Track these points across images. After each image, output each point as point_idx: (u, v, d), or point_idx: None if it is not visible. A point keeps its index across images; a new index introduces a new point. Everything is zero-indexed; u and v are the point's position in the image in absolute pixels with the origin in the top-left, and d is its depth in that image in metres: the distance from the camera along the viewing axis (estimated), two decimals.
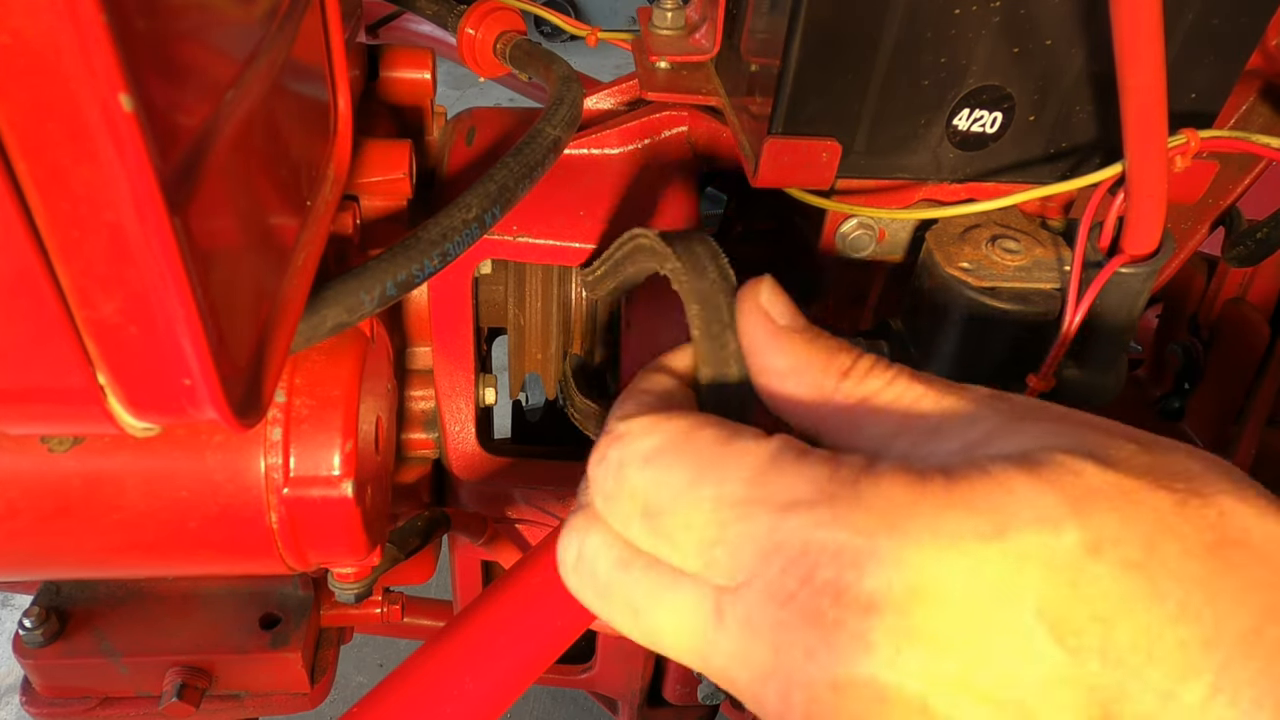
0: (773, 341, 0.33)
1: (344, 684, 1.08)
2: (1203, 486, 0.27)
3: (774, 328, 0.33)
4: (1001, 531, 0.25)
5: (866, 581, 0.25)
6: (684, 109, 0.61)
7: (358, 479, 0.42)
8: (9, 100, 0.20)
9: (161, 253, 0.22)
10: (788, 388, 0.32)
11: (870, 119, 0.50)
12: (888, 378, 0.30)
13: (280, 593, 0.70)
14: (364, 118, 0.59)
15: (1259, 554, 0.26)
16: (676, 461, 0.29)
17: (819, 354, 0.32)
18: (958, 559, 0.25)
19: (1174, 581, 0.25)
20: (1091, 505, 0.25)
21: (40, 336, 0.24)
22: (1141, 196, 0.47)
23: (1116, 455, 0.27)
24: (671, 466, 0.29)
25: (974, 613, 0.25)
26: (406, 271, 0.38)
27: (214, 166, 0.26)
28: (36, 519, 0.39)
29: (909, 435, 0.29)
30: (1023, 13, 0.47)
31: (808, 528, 0.26)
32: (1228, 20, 0.48)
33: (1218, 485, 0.27)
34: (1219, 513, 0.26)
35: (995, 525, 0.25)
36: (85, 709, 0.69)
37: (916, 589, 0.25)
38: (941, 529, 0.25)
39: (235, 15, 0.29)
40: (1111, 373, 0.57)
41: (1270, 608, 0.25)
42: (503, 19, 0.65)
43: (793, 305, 0.33)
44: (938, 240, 0.55)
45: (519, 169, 0.44)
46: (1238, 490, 0.27)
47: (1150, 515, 0.26)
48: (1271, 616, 0.25)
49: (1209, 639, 0.24)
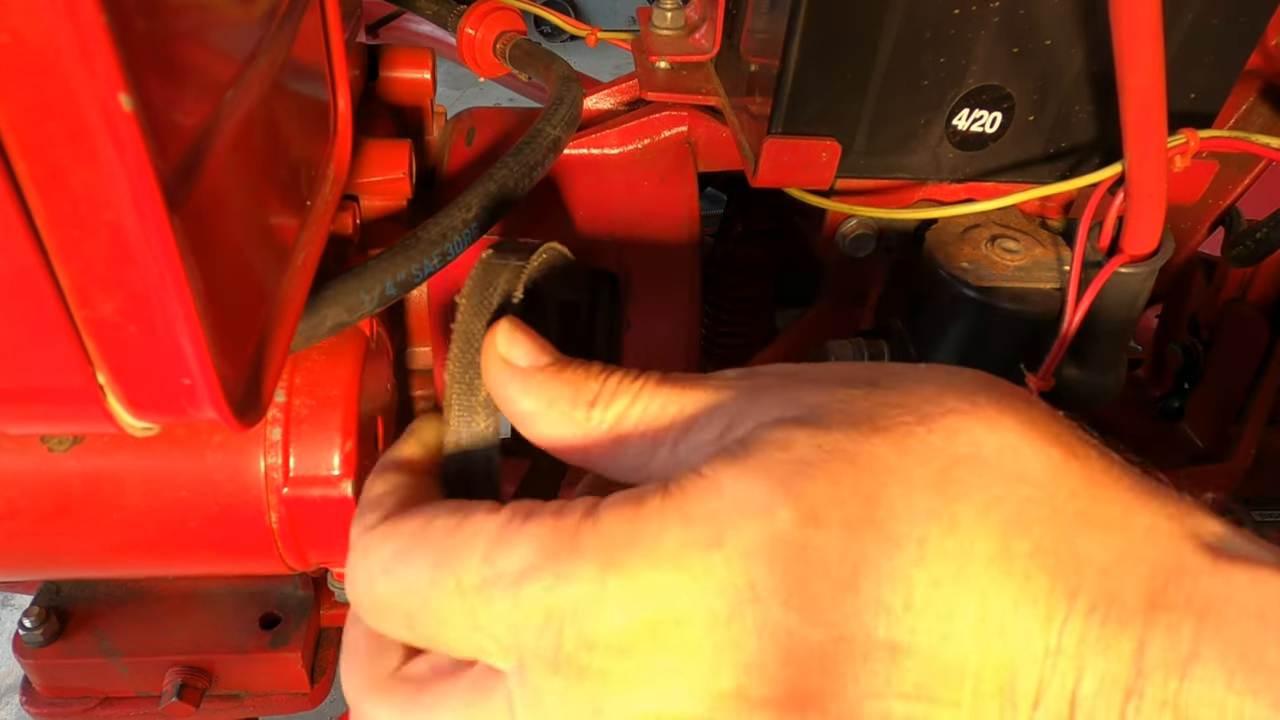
0: (515, 385, 0.31)
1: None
2: (931, 411, 0.26)
3: (513, 371, 0.31)
4: (719, 538, 0.25)
5: (608, 625, 0.25)
6: (684, 109, 0.61)
7: (358, 479, 0.42)
8: (8, 100, 0.20)
9: (161, 252, 0.22)
10: (545, 430, 0.31)
11: (870, 119, 0.50)
12: (633, 392, 0.29)
13: (280, 593, 0.70)
14: (364, 118, 0.59)
15: (990, 468, 0.25)
16: (415, 561, 0.28)
17: (565, 388, 0.30)
18: (686, 578, 0.25)
19: (907, 524, 0.24)
20: (802, 477, 0.25)
21: (40, 336, 0.24)
22: (1141, 196, 0.47)
23: (836, 410, 0.27)
24: (411, 567, 0.28)
25: (720, 624, 0.25)
26: (406, 271, 0.38)
27: (214, 166, 0.26)
28: (36, 519, 0.39)
29: (665, 445, 0.29)
30: (1022, 13, 0.47)
31: (541, 593, 0.26)
32: (1227, 20, 0.48)
33: (946, 405, 0.26)
34: (945, 435, 0.26)
35: (712, 533, 0.25)
36: (85, 709, 0.69)
37: (657, 619, 0.25)
38: (661, 552, 0.25)
39: (235, 15, 0.29)
40: (1111, 373, 0.57)
41: (1010, 522, 0.25)
42: (503, 19, 0.66)
43: (536, 340, 0.32)
44: (937, 240, 0.56)
45: (519, 169, 0.44)
46: (968, 405, 0.26)
47: (868, 465, 0.25)
48: (1013, 531, 0.25)
49: (960, 571, 0.24)
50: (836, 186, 0.55)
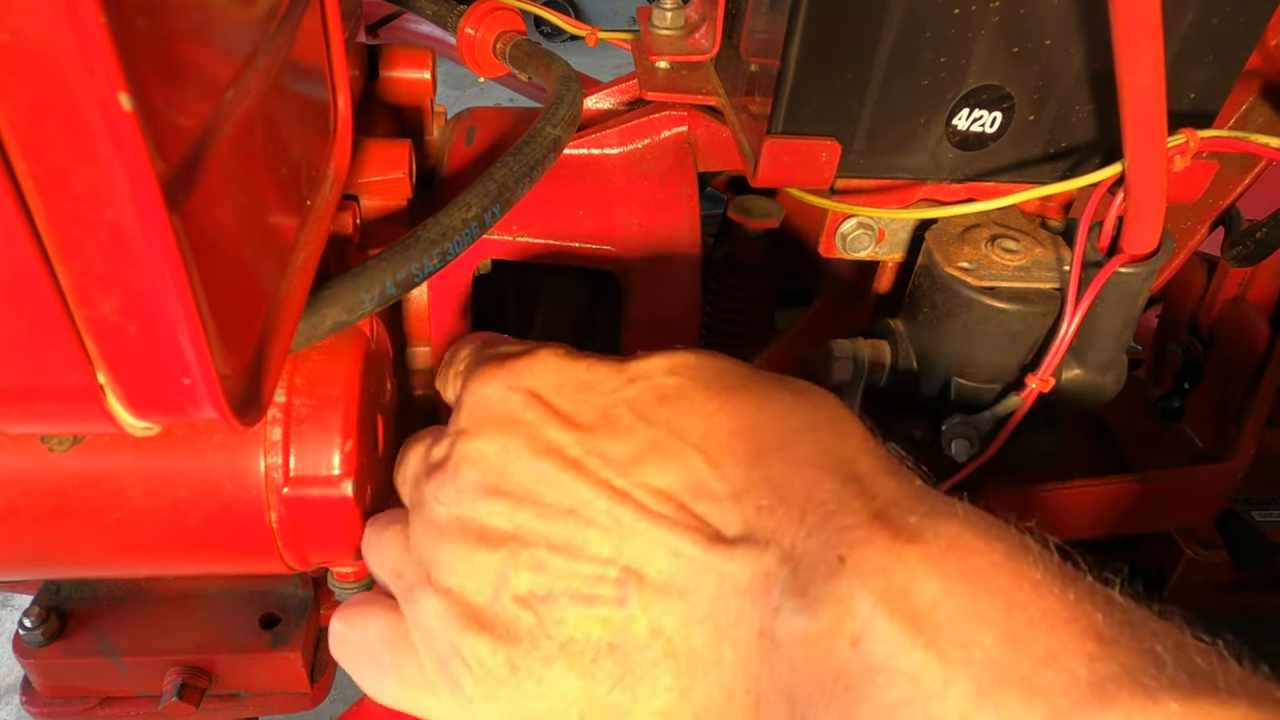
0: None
1: (344, 684, 1.07)
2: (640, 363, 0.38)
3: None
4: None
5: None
6: (684, 109, 0.61)
7: (358, 478, 0.42)
8: (9, 99, 0.20)
9: (161, 252, 0.22)
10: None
11: (870, 118, 0.50)
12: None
13: (280, 592, 0.70)
14: (364, 117, 0.59)
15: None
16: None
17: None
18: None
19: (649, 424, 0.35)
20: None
21: (40, 335, 0.24)
22: (1141, 196, 0.47)
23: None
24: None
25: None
26: (406, 271, 0.38)
27: (214, 166, 0.26)
28: (36, 518, 0.39)
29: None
30: (1022, 12, 0.47)
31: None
32: (1227, 20, 0.48)
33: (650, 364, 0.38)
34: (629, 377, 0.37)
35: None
36: (85, 708, 0.69)
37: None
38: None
39: (235, 15, 0.29)
40: (1111, 372, 0.57)
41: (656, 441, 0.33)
42: (503, 19, 0.65)
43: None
44: (937, 240, 0.55)
45: (519, 168, 0.44)
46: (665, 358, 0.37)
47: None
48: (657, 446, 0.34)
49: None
50: (836, 186, 0.55)
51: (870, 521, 0.28)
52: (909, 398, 0.59)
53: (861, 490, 0.30)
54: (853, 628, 0.26)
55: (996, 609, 0.25)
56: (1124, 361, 0.57)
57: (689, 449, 0.33)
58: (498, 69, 0.67)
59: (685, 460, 0.32)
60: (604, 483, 0.33)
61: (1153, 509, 0.73)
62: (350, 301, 0.37)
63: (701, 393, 0.35)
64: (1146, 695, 0.22)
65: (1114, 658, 0.23)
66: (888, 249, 0.59)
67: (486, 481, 0.35)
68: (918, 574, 0.26)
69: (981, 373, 0.56)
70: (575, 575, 0.32)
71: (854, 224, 0.57)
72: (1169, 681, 0.23)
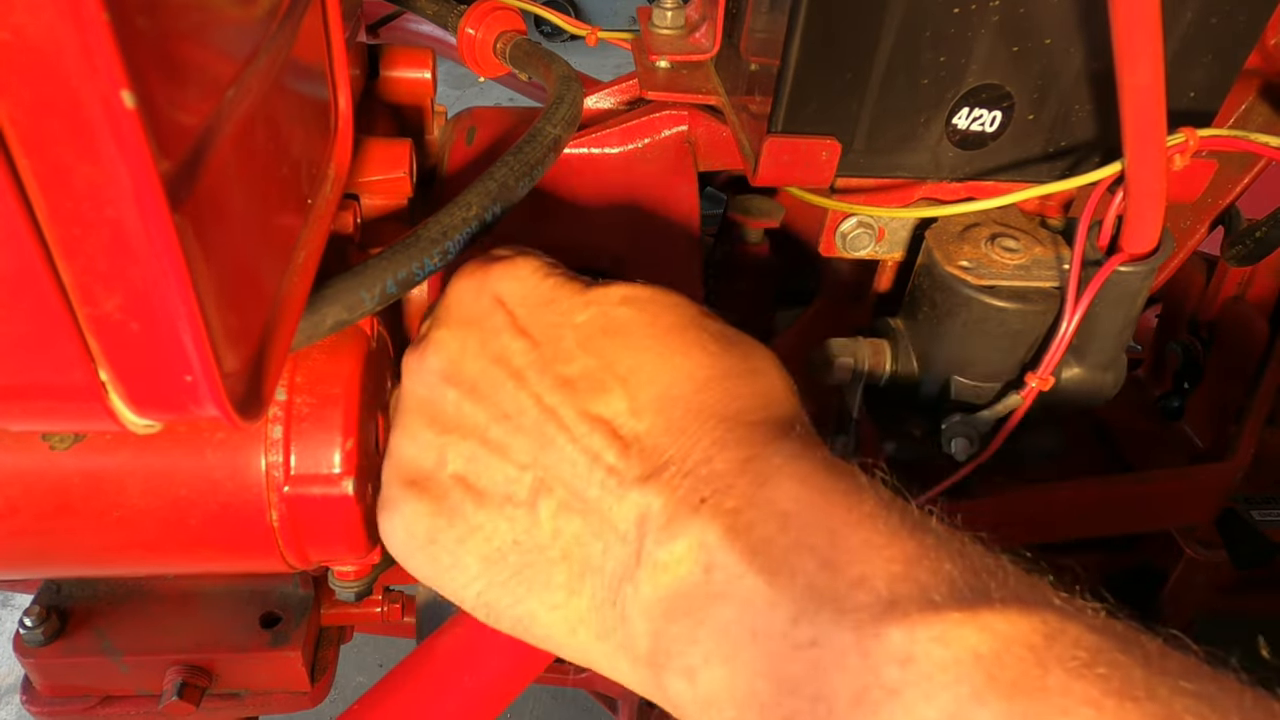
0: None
1: (344, 683, 1.07)
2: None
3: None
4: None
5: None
6: (684, 108, 0.61)
7: (359, 477, 0.42)
8: (11, 97, 0.20)
9: (163, 250, 0.22)
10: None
11: (870, 118, 0.50)
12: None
13: (280, 591, 0.70)
14: (364, 117, 0.59)
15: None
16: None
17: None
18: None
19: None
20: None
21: (42, 333, 0.24)
22: (1140, 195, 0.47)
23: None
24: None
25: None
26: (407, 270, 0.38)
27: (215, 164, 0.26)
28: (37, 516, 0.39)
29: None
30: (1022, 12, 0.47)
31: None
32: (1226, 19, 0.48)
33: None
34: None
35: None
36: (85, 707, 0.69)
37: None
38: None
39: (236, 14, 0.29)
40: (1111, 371, 0.57)
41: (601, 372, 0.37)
42: (503, 19, 0.66)
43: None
44: (937, 239, 0.56)
45: (519, 167, 0.44)
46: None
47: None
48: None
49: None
50: (836, 185, 0.55)
51: (740, 468, 0.33)
52: (909, 396, 0.59)
53: (744, 438, 0.34)
54: (704, 559, 0.31)
55: (822, 541, 0.30)
56: (1124, 360, 0.57)
57: (614, 381, 0.36)
58: (498, 69, 0.67)
59: (609, 393, 0.36)
60: (537, 396, 0.37)
61: (1153, 508, 0.73)
62: (351, 300, 0.37)
63: (642, 329, 0.38)
64: (933, 609, 0.27)
65: (914, 579, 0.28)
66: (888, 248, 0.59)
67: (444, 369, 0.39)
68: (763, 514, 0.31)
69: (981, 371, 0.56)
70: (498, 472, 0.37)
71: (854, 223, 0.57)
72: (955, 595, 0.27)
